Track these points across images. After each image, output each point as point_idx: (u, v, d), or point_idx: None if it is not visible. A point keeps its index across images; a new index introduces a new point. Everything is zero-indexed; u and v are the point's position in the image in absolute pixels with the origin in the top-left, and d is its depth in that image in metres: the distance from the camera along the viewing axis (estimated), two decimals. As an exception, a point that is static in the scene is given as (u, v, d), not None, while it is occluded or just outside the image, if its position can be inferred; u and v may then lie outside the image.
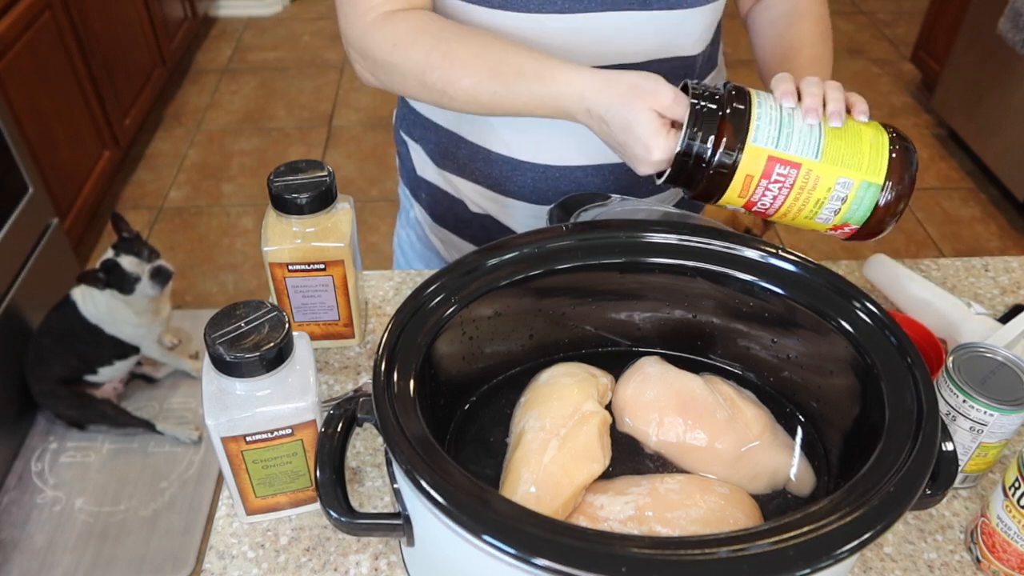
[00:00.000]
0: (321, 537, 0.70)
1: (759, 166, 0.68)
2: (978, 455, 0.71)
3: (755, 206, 0.71)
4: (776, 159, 0.68)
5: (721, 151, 0.68)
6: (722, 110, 0.69)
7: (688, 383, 0.68)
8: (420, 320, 0.62)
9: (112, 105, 2.53)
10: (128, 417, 1.90)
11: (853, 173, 0.69)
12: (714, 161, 0.68)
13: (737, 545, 0.47)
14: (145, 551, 1.71)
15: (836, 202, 0.70)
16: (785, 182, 0.69)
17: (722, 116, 0.68)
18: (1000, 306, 0.95)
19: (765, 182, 0.69)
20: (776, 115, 0.69)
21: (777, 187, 0.69)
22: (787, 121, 0.69)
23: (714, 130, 0.68)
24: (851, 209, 0.70)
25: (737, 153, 0.68)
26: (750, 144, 0.68)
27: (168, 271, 1.83)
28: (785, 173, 0.68)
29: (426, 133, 0.98)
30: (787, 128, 0.69)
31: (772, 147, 0.68)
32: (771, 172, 0.68)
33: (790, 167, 0.68)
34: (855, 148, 0.69)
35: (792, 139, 0.68)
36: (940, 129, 2.98)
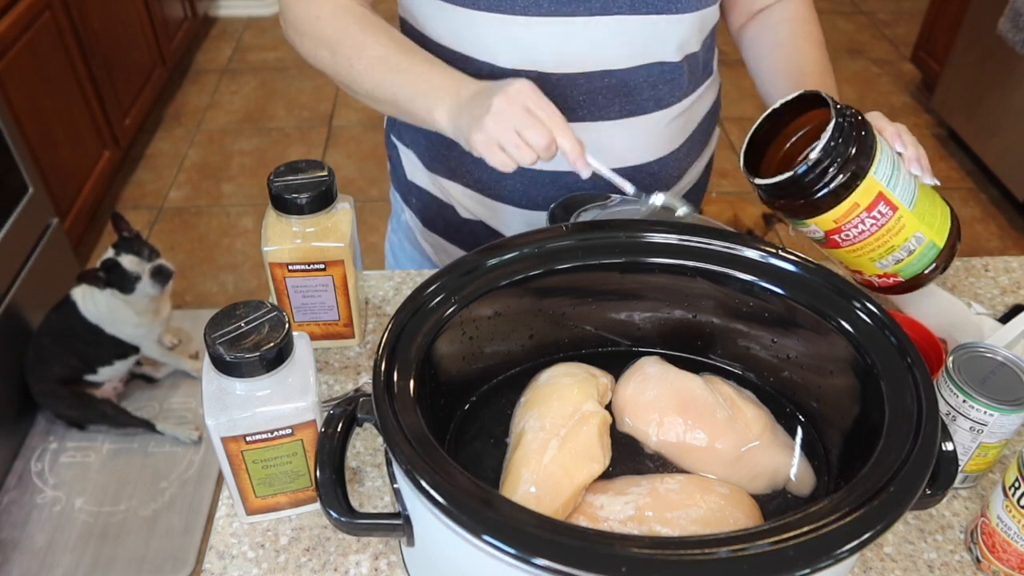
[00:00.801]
0: (321, 537, 0.70)
1: (868, 199, 0.70)
2: (978, 455, 0.71)
3: (839, 234, 0.73)
4: (883, 197, 0.70)
5: (847, 174, 0.69)
6: (856, 134, 0.69)
7: (688, 383, 0.68)
8: (420, 320, 0.62)
9: (112, 105, 2.53)
10: (128, 417, 1.90)
11: (927, 231, 0.72)
12: (837, 179, 0.69)
13: (737, 545, 0.47)
14: (145, 551, 1.71)
15: (903, 252, 0.73)
16: (879, 221, 0.71)
17: (855, 139, 0.69)
18: (1000, 306, 0.95)
19: (865, 215, 0.71)
20: (890, 154, 0.71)
21: (872, 223, 0.71)
22: (897, 164, 0.71)
23: (848, 151, 0.68)
24: (911, 263, 0.74)
25: (860, 180, 0.69)
26: (871, 175, 0.69)
27: (168, 270, 1.83)
28: (884, 212, 0.71)
29: (417, 136, 0.97)
30: (896, 171, 0.71)
31: (885, 184, 0.70)
32: (874, 207, 0.70)
33: (890, 208, 0.71)
34: (932, 208, 0.73)
35: (899, 183, 0.71)
36: (940, 129, 2.98)
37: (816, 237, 0.75)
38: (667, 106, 0.89)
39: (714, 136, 1.04)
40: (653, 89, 0.87)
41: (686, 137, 0.95)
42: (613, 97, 0.86)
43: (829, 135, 0.68)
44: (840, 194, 0.70)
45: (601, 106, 0.86)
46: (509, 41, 0.82)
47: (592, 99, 0.85)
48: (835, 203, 0.70)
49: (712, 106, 1.00)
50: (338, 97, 3.16)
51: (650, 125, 0.89)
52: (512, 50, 0.83)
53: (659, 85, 0.88)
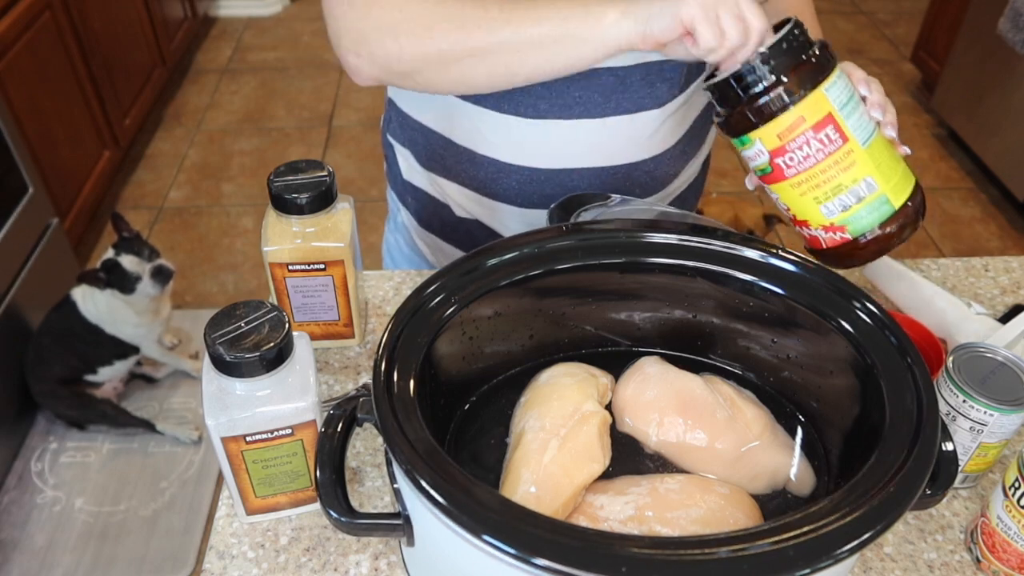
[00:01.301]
0: (321, 537, 0.70)
1: (816, 115, 0.68)
2: (978, 455, 0.71)
3: (783, 155, 0.70)
4: (833, 119, 0.68)
5: (796, 77, 0.67)
6: (813, 46, 0.69)
7: (688, 383, 0.68)
8: (420, 320, 0.62)
9: (112, 105, 2.53)
10: (128, 417, 1.90)
11: (881, 181, 0.70)
12: (781, 85, 0.67)
13: (737, 545, 0.47)
14: (145, 551, 1.71)
15: (852, 197, 0.70)
16: (826, 147, 0.68)
17: (812, 50, 0.68)
18: (1000, 306, 0.95)
19: (811, 134, 0.68)
20: (849, 88, 0.70)
21: (817, 146, 0.68)
22: (855, 100, 0.70)
23: (798, 58, 0.67)
24: (858, 214, 0.70)
25: (807, 89, 0.67)
26: (822, 88, 0.67)
27: (169, 270, 1.83)
28: (832, 138, 0.68)
29: (413, 135, 0.97)
30: (854, 104, 0.69)
31: (837, 107, 0.68)
32: (821, 128, 0.68)
33: (840, 135, 0.68)
34: (892, 164, 0.71)
35: (854, 115, 0.69)
36: (940, 129, 2.98)
37: (761, 163, 0.71)
38: (663, 103, 0.89)
39: (710, 134, 1.05)
40: (650, 87, 0.87)
41: (682, 134, 0.95)
42: (610, 94, 0.86)
43: (782, 34, 0.67)
44: (786, 99, 0.68)
45: (598, 103, 0.86)
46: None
47: (588, 96, 0.85)
48: (780, 109, 0.68)
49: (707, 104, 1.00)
50: (338, 97, 3.16)
51: (646, 122, 0.89)
52: None
53: (656, 83, 0.88)
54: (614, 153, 0.89)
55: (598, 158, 0.89)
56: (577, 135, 0.87)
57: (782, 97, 0.68)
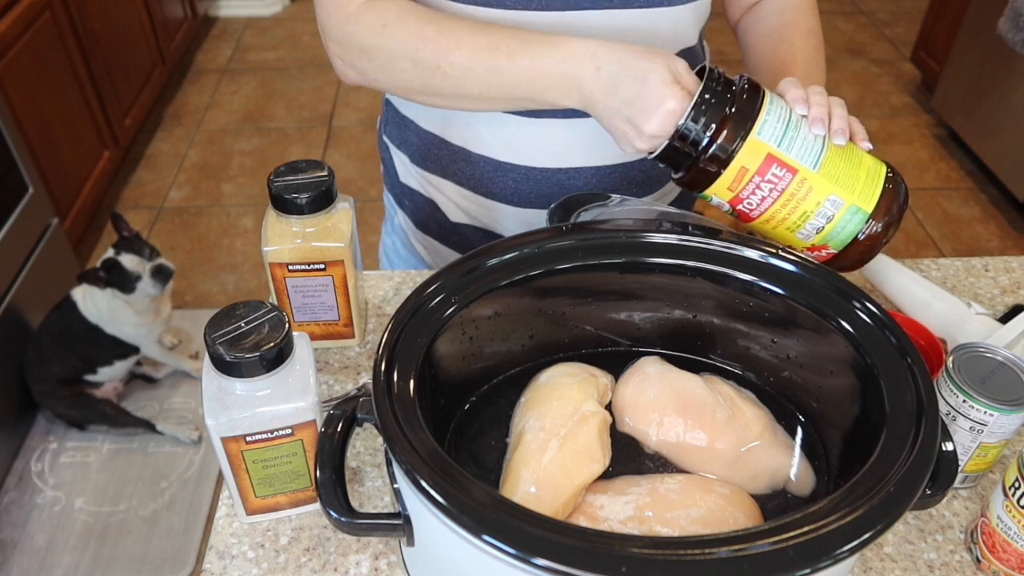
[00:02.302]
0: (321, 537, 0.70)
1: (756, 161, 0.68)
2: (978, 455, 0.71)
3: (741, 203, 0.70)
4: (775, 158, 0.67)
5: (724, 135, 0.67)
6: (733, 95, 0.68)
7: (688, 383, 0.68)
8: (420, 320, 0.62)
9: (112, 105, 2.53)
10: (128, 417, 1.90)
11: (845, 194, 0.69)
12: (714, 144, 0.67)
13: (737, 545, 0.47)
14: (145, 551, 1.71)
15: (821, 219, 0.70)
16: (777, 185, 0.68)
17: (732, 100, 0.67)
18: (1000, 306, 0.95)
19: (758, 179, 0.68)
20: (785, 116, 0.68)
21: (768, 187, 0.68)
22: (794, 125, 0.68)
23: (722, 111, 0.67)
24: (834, 231, 0.70)
25: (739, 141, 0.67)
26: (753, 135, 0.67)
27: (169, 269, 1.83)
28: (780, 175, 0.68)
29: (409, 136, 0.97)
30: (792, 132, 0.68)
31: (774, 145, 0.67)
32: (766, 171, 0.68)
33: (786, 170, 0.68)
34: (852, 171, 0.69)
35: (795, 144, 0.68)
36: (940, 129, 2.98)
37: (726, 210, 0.72)
38: None
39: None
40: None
41: None
42: None
43: (696, 98, 0.67)
44: (722, 157, 0.68)
45: None
46: None
47: None
48: (721, 167, 0.68)
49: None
50: (338, 97, 3.16)
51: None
52: None
53: None
54: (610, 152, 0.89)
55: (594, 157, 0.90)
56: (573, 134, 0.87)
57: (717, 156, 0.68)
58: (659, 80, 0.68)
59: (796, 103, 0.70)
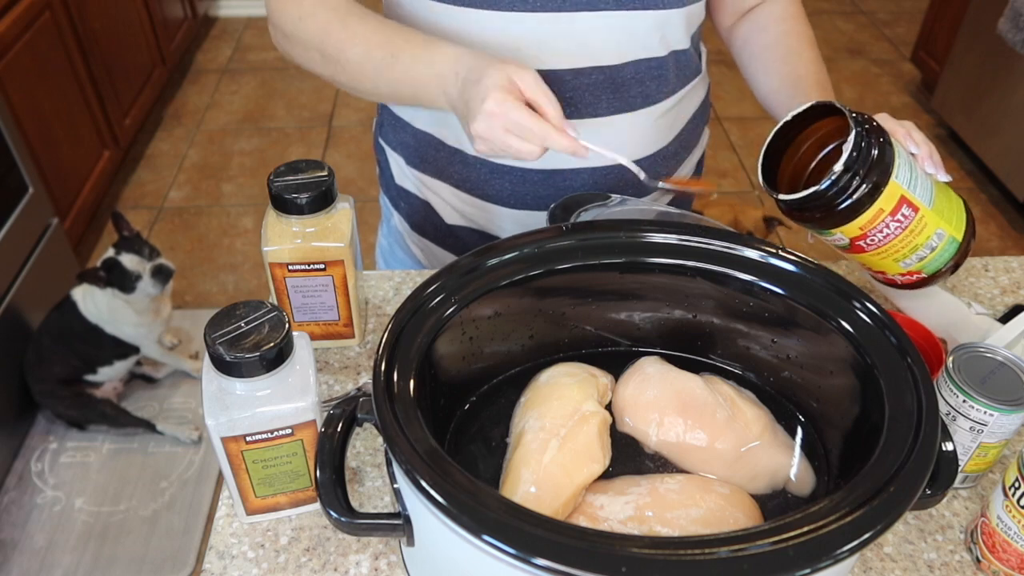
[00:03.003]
0: (321, 537, 0.70)
1: (892, 203, 0.71)
2: (978, 455, 0.71)
3: (864, 240, 0.73)
4: (906, 200, 0.71)
5: (873, 181, 0.69)
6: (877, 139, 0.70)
7: (688, 383, 0.68)
8: (420, 320, 0.62)
9: (112, 105, 2.53)
10: (128, 417, 1.90)
11: (947, 227, 0.73)
12: (861, 189, 0.70)
13: (737, 545, 0.47)
14: (145, 551, 1.71)
15: (926, 250, 0.74)
16: (904, 223, 0.72)
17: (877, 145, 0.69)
18: (1000, 306, 0.95)
19: (890, 219, 0.71)
20: (906, 157, 0.72)
21: (896, 226, 0.72)
22: (913, 166, 0.72)
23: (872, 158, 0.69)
24: (934, 259, 0.75)
25: (882, 187, 0.70)
26: (893, 179, 0.70)
27: (169, 269, 1.83)
28: (907, 215, 0.71)
29: (404, 137, 0.97)
30: (914, 173, 0.72)
31: (906, 187, 0.71)
32: (898, 211, 0.71)
33: (912, 210, 0.71)
34: (949, 204, 0.74)
35: (917, 184, 0.71)
36: (940, 129, 2.98)
37: (841, 244, 0.75)
38: (655, 102, 0.89)
39: (703, 136, 1.05)
40: (641, 85, 0.87)
41: (674, 135, 0.95)
42: (600, 93, 0.86)
43: (851, 147, 0.69)
44: (865, 203, 0.70)
45: (589, 102, 0.86)
46: (495, 38, 0.82)
47: (580, 95, 0.85)
48: (861, 212, 0.71)
49: (701, 105, 1.00)
50: (338, 97, 3.16)
51: (638, 121, 0.89)
52: (498, 47, 0.83)
53: (647, 81, 0.88)
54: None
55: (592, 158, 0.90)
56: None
57: (862, 202, 0.70)
58: (491, 83, 0.69)
59: (907, 142, 0.74)
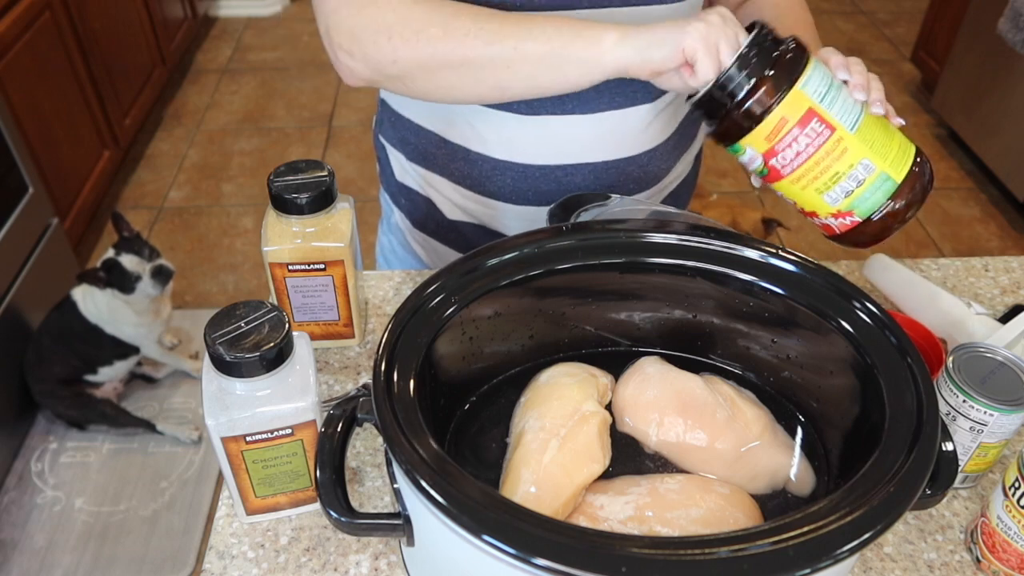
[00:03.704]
0: (321, 537, 0.70)
1: (798, 113, 0.68)
2: (978, 455, 0.71)
3: (775, 156, 0.70)
4: (816, 113, 0.68)
5: (768, 83, 0.68)
6: (780, 50, 0.69)
7: (688, 383, 0.68)
8: (420, 320, 0.62)
9: (112, 105, 2.53)
10: (128, 417, 1.90)
11: (878, 160, 0.70)
12: (758, 91, 0.68)
13: (737, 545, 0.47)
14: (145, 551, 1.71)
15: (852, 182, 0.70)
16: (815, 140, 0.69)
17: (779, 54, 0.69)
18: (1000, 306, 0.95)
19: (797, 131, 0.69)
20: (828, 78, 0.70)
21: (806, 142, 0.69)
22: (836, 87, 0.70)
23: (769, 61, 0.68)
24: (862, 196, 0.70)
25: (783, 92, 0.68)
26: (798, 87, 0.68)
27: (169, 270, 1.83)
28: (819, 131, 0.68)
29: (406, 135, 0.97)
30: (834, 92, 0.69)
31: (817, 100, 0.68)
32: (807, 123, 0.68)
33: (825, 126, 0.69)
34: (886, 140, 0.71)
35: (836, 103, 0.69)
36: (940, 129, 2.98)
37: (757, 166, 0.73)
38: (656, 97, 0.89)
39: (701, 129, 1.05)
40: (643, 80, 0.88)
41: (674, 129, 0.95)
42: (603, 89, 0.86)
43: (748, 41, 0.68)
44: (764, 104, 0.68)
45: (592, 98, 0.86)
46: None
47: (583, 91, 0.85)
48: (762, 115, 0.69)
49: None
50: (338, 97, 3.16)
51: (640, 116, 0.89)
52: None
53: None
54: (609, 148, 0.90)
55: (593, 153, 0.90)
56: (572, 130, 0.87)
57: (761, 102, 0.68)
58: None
59: (838, 68, 0.72)
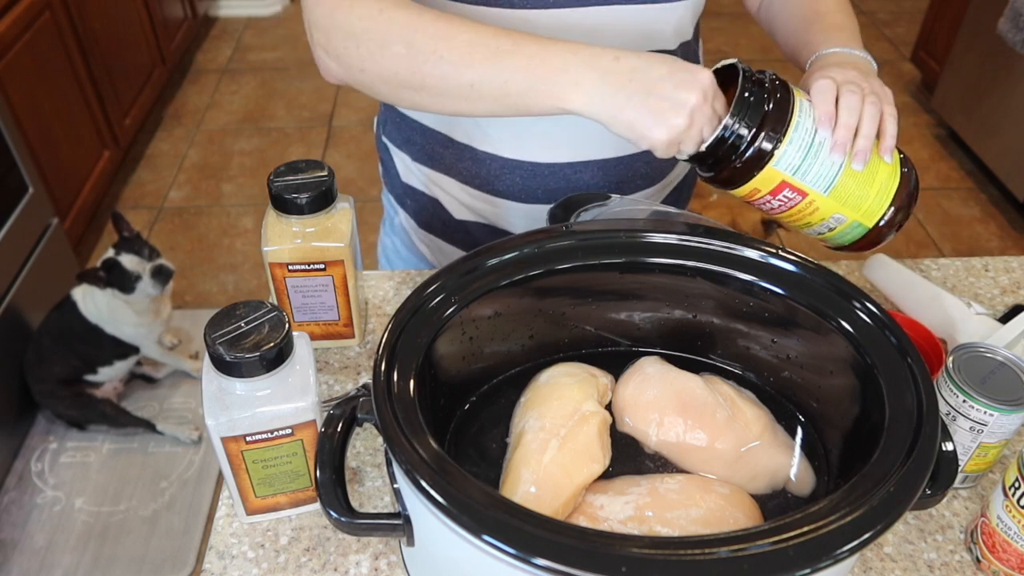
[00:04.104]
0: (321, 537, 0.70)
1: (770, 185, 0.70)
2: (978, 455, 0.71)
3: (753, 204, 0.73)
4: (787, 184, 0.70)
5: (742, 163, 0.68)
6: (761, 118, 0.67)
7: (688, 383, 0.68)
8: (420, 320, 0.62)
9: (112, 105, 2.53)
10: (128, 417, 1.90)
11: (849, 212, 0.71)
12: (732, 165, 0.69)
13: (737, 545, 0.47)
14: (145, 551, 1.71)
15: (823, 228, 0.73)
16: (787, 203, 0.71)
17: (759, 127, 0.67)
18: (1000, 306, 0.95)
19: (769, 197, 0.71)
20: (807, 140, 0.68)
21: (778, 204, 0.71)
22: (814, 150, 0.69)
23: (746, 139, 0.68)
24: (835, 236, 0.74)
25: (756, 171, 0.69)
26: (770, 165, 0.69)
27: (169, 270, 1.83)
28: (791, 197, 0.70)
29: (411, 135, 0.97)
30: (811, 159, 0.69)
31: (790, 174, 0.69)
32: (778, 192, 0.70)
33: (797, 194, 0.70)
34: (863, 189, 0.70)
35: (811, 171, 0.69)
36: (940, 129, 2.98)
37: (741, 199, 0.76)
38: None
39: None
40: None
41: None
42: None
43: (723, 124, 0.67)
44: (739, 178, 0.70)
45: None
46: None
47: None
48: (738, 184, 0.70)
49: None
50: (338, 97, 3.16)
51: None
52: None
53: None
54: (616, 145, 0.90)
55: (600, 150, 0.90)
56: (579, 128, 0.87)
57: (734, 178, 0.70)
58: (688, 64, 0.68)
59: (821, 124, 0.69)
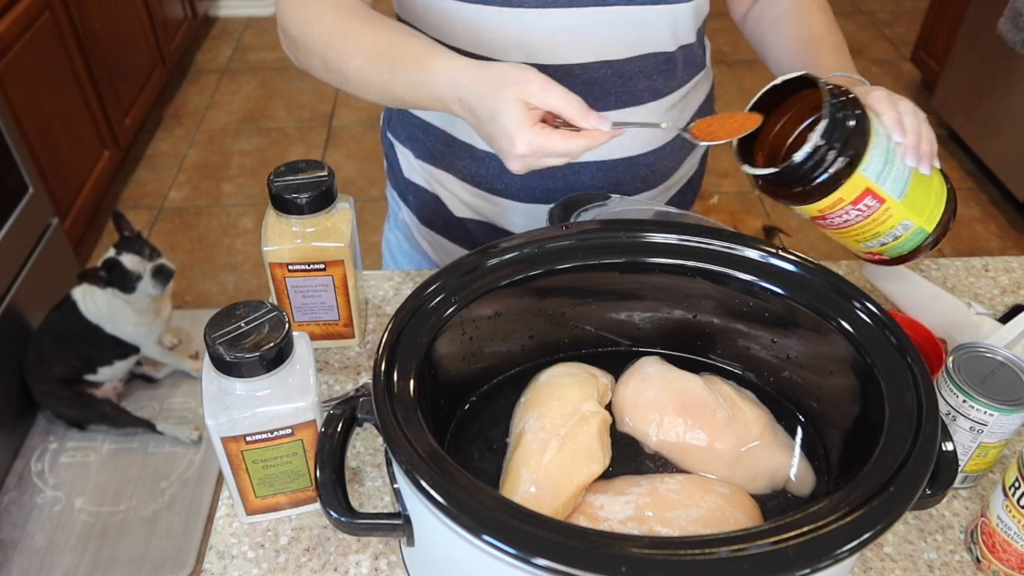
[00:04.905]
0: (321, 537, 0.70)
1: (854, 193, 0.70)
2: (978, 455, 0.71)
3: (824, 220, 0.73)
4: (871, 192, 0.70)
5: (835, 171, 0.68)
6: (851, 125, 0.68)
7: (688, 383, 0.68)
8: (420, 320, 0.62)
9: (112, 105, 2.53)
10: (128, 417, 1.90)
11: (916, 218, 0.72)
12: (821, 178, 0.69)
13: (737, 545, 0.47)
14: (145, 551, 1.71)
15: (889, 238, 0.74)
16: (866, 212, 0.71)
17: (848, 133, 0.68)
18: (1000, 306, 0.95)
19: (851, 207, 0.71)
20: (884, 146, 0.70)
21: (857, 215, 0.72)
22: (891, 155, 0.70)
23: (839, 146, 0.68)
24: (897, 246, 0.74)
25: (845, 179, 0.69)
26: (859, 171, 0.69)
27: (169, 270, 1.83)
28: (871, 205, 0.71)
29: (414, 132, 0.97)
30: (889, 163, 0.70)
31: (874, 179, 0.70)
32: (861, 201, 0.70)
33: (877, 201, 0.71)
34: (926, 195, 0.73)
35: (890, 176, 0.70)
36: (940, 129, 2.98)
37: (804, 217, 0.76)
38: (662, 96, 0.89)
39: None
40: (649, 79, 0.88)
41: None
42: (609, 88, 0.86)
43: (818, 135, 0.67)
44: (824, 191, 0.70)
45: (597, 96, 0.86)
46: (507, 34, 0.82)
47: (588, 90, 0.86)
48: (819, 198, 0.70)
49: (705, 99, 1.00)
50: (338, 97, 3.16)
51: (646, 115, 0.89)
52: (510, 43, 0.83)
53: (655, 75, 0.88)
54: (615, 146, 0.90)
55: (599, 151, 0.90)
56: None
57: (820, 191, 0.70)
58: (509, 123, 0.67)
59: (893, 129, 0.71)
